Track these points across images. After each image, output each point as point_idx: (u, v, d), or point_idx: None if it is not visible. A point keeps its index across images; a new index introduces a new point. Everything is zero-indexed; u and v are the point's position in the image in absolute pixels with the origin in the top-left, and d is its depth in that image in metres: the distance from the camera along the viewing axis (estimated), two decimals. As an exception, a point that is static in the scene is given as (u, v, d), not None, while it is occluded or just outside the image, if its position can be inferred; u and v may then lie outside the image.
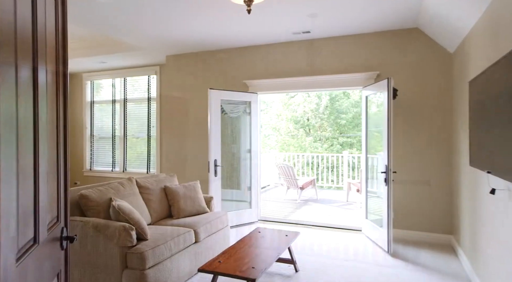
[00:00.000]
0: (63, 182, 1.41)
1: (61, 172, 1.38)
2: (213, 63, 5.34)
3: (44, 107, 1.14)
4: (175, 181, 3.99)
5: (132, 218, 2.75)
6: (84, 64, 6.30)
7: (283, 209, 6.14)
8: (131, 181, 3.42)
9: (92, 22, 4.12)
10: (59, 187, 1.36)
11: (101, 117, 7.03)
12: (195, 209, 3.68)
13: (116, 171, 6.78)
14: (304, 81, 4.74)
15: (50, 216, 1.25)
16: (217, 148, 4.64)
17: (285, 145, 14.35)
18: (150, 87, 6.46)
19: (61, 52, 1.38)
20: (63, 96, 1.42)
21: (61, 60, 1.39)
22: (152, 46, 5.13)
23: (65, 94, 1.44)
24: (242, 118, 5.01)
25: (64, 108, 1.43)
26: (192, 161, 5.51)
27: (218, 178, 4.65)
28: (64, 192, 1.43)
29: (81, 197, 2.88)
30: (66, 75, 1.45)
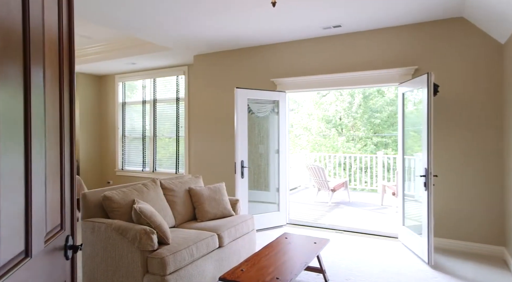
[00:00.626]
0: (68, 185, 1.32)
1: (65, 175, 1.28)
2: (240, 62, 5.21)
3: (40, 106, 1.04)
4: (200, 182, 3.90)
5: (153, 221, 2.67)
6: (116, 66, 6.42)
7: (313, 211, 5.91)
8: (155, 182, 3.36)
9: (120, 24, 4.13)
10: (63, 191, 1.27)
11: (132, 118, 7.15)
12: (220, 211, 3.57)
13: (146, 171, 6.86)
14: (335, 78, 4.49)
15: (51, 224, 1.16)
16: (243, 149, 4.51)
17: (317, 145, 14.00)
18: (179, 87, 6.47)
19: (65, 49, 1.29)
20: (68, 94, 1.33)
21: (66, 58, 1.30)
22: (179, 46, 5.10)
23: (71, 92, 1.35)
24: (269, 118, 4.85)
25: (70, 107, 1.34)
26: (219, 162, 5.42)
27: (245, 180, 4.52)
28: (70, 197, 1.34)
29: (105, 198, 2.84)
30: (72, 72, 1.36)
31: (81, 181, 5.24)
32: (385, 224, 5.00)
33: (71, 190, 1.35)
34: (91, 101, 7.32)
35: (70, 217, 1.34)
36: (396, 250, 3.85)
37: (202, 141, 5.58)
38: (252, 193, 4.75)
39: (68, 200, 1.32)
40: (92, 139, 7.32)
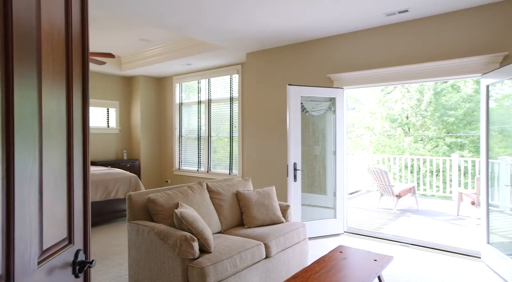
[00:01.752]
0: (80, 193, 1.17)
1: (74, 182, 1.14)
2: (294, 58, 4.91)
3: (29, 106, 0.89)
4: (249, 185, 3.70)
5: (195, 227, 2.52)
6: (173, 67, 6.54)
7: (375, 219, 5.37)
8: (201, 185, 3.23)
9: (174, 24, 4.11)
10: (72, 200, 1.12)
11: (188, 118, 7.26)
12: (269, 218, 3.32)
13: (201, 171, 6.90)
14: (401, 71, 3.96)
15: (52, 238, 1.01)
16: (297, 150, 4.20)
17: (380, 145, 13.06)
18: (233, 86, 6.38)
19: (75, 48, 1.15)
20: (81, 94, 1.19)
21: (77, 58, 1.15)
22: (232, 44, 4.97)
23: (84, 92, 1.21)
24: (325, 117, 4.47)
25: (83, 108, 1.20)
26: (271, 164, 5.18)
27: (297, 183, 4.21)
28: (83, 206, 1.20)
29: (149, 200, 2.77)
30: (85, 72, 1.21)
31: (138, 180, 5.39)
32: (463, 239, 4.32)
33: (84, 198, 1.20)
34: (152, 102, 7.59)
35: (82, 229, 1.20)
36: (478, 273, 3.24)
37: (255, 141, 5.40)
38: (306, 196, 4.42)
39: (80, 209, 1.18)
40: (152, 140, 7.59)
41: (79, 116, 1.19)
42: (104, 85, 7.19)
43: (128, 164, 7.02)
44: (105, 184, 4.96)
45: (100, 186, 4.90)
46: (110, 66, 6.65)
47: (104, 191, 4.93)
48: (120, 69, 6.86)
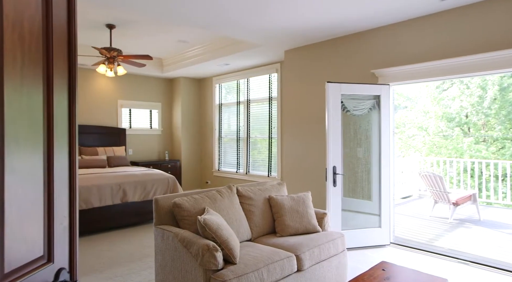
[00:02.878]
0: (65, 202, 1.04)
1: (57, 189, 1.01)
2: (334, 53, 4.58)
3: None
4: (283, 190, 3.46)
5: (219, 235, 2.35)
6: (211, 67, 6.50)
7: (428, 229, 4.84)
8: (231, 189, 3.06)
9: (207, 22, 4.01)
10: (52, 210, 0.99)
11: (227, 119, 7.19)
12: (303, 226, 3.06)
13: (240, 172, 6.79)
14: (458, 64, 3.47)
15: (19, 258, 0.88)
16: (336, 153, 3.88)
17: (435, 147, 12.03)
18: (271, 86, 6.17)
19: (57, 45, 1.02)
20: (67, 94, 1.06)
21: (59, 55, 1.02)
22: (268, 42, 4.77)
23: (71, 91, 1.08)
24: (369, 116, 4.09)
25: (69, 108, 1.07)
26: (310, 167, 4.89)
27: (337, 189, 3.89)
28: (69, 217, 1.07)
29: (174, 205, 2.66)
30: (72, 71, 1.08)
31: (175, 181, 5.40)
32: (535, 257, 3.69)
33: (70, 208, 1.07)
34: (192, 103, 7.65)
35: (67, 244, 1.07)
36: (556, 302, 2.69)
37: (294, 143, 5.14)
38: (347, 202, 4.07)
39: (63, 222, 1.05)
40: (192, 141, 7.64)
41: (63, 116, 1.05)
42: (147, 87, 7.38)
43: (169, 165, 7.12)
44: (144, 185, 5.02)
45: (139, 187, 4.96)
46: (152, 68, 6.79)
47: (142, 192, 4.99)
48: (162, 71, 6.98)
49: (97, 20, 4.54)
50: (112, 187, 4.69)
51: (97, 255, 3.83)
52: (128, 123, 7.12)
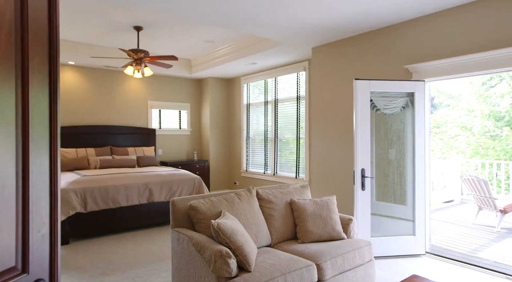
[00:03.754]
0: (45, 207, 0.97)
1: (34, 194, 0.94)
2: (364, 49, 4.31)
3: None
4: (306, 194, 3.29)
5: (233, 241, 2.24)
6: (239, 67, 6.44)
7: (470, 238, 4.44)
8: (250, 191, 2.95)
9: (233, 21, 3.93)
10: (27, 217, 0.92)
11: (255, 119, 7.09)
12: (326, 232, 2.87)
13: (267, 173, 6.66)
14: (506, 55, 3.11)
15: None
16: (365, 154, 3.64)
17: (481, 148, 11.15)
18: (299, 85, 5.99)
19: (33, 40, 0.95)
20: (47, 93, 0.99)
21: (35, 51, 0.95)
22: (294, 38, 4.60)
23: (52, 90, 1.01)
24: (401, 115, 3.80)
25: (50, 108, 1.00)
26: (338, 169, 4.65)
27: (366, 193, 3.64)
28: (50, 224, 1.00)
29: (190, 207, 2.59)
30: (53, 68, 1.01)
31: (201, 182, 5.38)
32: None
33: (51, 214, 1.00)
34: (220, 104, 7.63)
35: (48, 253, 1.00)
36: None
37: (321, 143, 4.92)
38: (378, 206, 3.81)
39: (42, 229, 0.98)
40: (220, 141, 7.63)
41: (43, 115, 0.99)
42: (176, 88, 7.46)
43: (198, 165, 7.15)
44: (170, 185, 5.04)
45: (165, 187, 4.99)
46: (181, 69, 6.85)
47: (168, 192, 5.01)
48: (191, 72, 7.02)
49: (125, 23, 4.61)
50: (139, 187, 4.75)
51: (123, 254, 3.88)
52: (158, 124, 7.24)
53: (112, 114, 6.62)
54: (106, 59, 5.87)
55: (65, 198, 4.17)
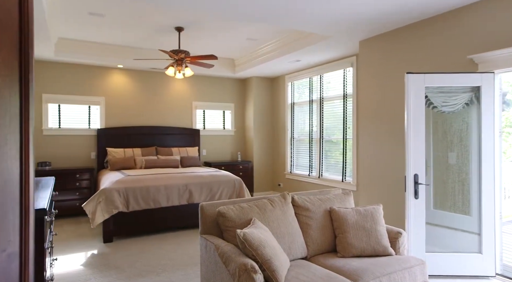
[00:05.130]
0: (12, 224, 0.85)
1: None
2: (418, 40, 3.83)
3: None
4: (349, 201, 2.96)
5: (260, 254, 2.02)
6: (282, 65, 6.21)
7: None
8: (285, 198, 2.71)
9: (274, 15, 3.72)
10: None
11: (300, 118, 6.80)
12: (370, 246, 2.54)
13: (312, 176, 6.34)
14: None
15: None
16: (418, 158, 3.20)
17: None
18: (346, 82, 5.59)
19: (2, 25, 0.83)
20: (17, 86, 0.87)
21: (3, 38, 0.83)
22: (340, 31, 4.25)
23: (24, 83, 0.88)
24: (464, 113, 3.29)
25: (22, 105, 0.88)
26: (388, 173, 4.21)
27: (419, 202, 3.20)
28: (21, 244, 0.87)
29: (218, 214, 2.43)
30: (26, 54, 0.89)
31: (242, 184, 5.24)
32: None
33: (22, 227, 0.88)
34: (264, 103, 7.46)
35: (17, 275, 0.87)
36: None
37: (370, 144, 4.51)
38: (436, 215, 3.34)
39: (6, 248, 0.85)
40: (264, 142, 7.45)
41: (11, 115, 0.86)
42: (220, 88, 7.44)
43: (241, 166, 7.05)
44: (210, 186, 4.98)
45: (205, 188, 4.94)
46: (224, 69, 6.80)
47: (208, 193, 4.95)
48: (234, 72, 6.94)
49: (167, 24, 4.63)
50: (179, 188, 4.75)
51: (160, 255, 3.86)
52: (202, 124, 7.27)
53: (158, 115, 6.77)
54: (152, 62, 6.00)
55: (109, 197, 4.28)
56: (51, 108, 5.92)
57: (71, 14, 4.31)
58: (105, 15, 4.36)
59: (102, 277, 3.27)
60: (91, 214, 4.24)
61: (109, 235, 4.35)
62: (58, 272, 3.41)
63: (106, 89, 6.32)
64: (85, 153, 6.16)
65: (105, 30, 4.93)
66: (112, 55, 5.74)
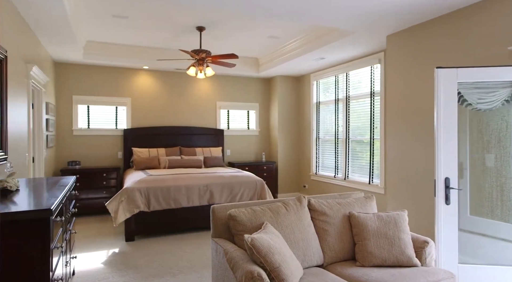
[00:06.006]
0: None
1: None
2: (451, 33, 3.54)
3: None
4: (371, 206, 2.77)
5: (269, 261, 1.91)
6: (306, 63, 6.04)
7: None
8: (300, 201, 2.57)
9: (298, 11, 3.59)
10: None
11: (326, 118, 6.58)
12: (392, 256, 2.34)
13: (338, 177, 6.10)
14: None
15: None
16: (450, 160, 2.93)
17: None
18: (373, 79, 5.32)
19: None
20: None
21: None
22: (365, 25, 4.04)
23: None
24: (503, 111, 2.97)
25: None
26: (418, 176, 3.93)
27: (451, 208, 2.93)
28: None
29: (229, 217, 2.34)
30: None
31: (264, 185, 5.14)
32: None
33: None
34: (289, 103, 7.31)
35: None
36: None
37: (398, 145, 4.24)
38: (471, 221, 3.05)
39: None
40: (289, 142, 7.30)
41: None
42: (245, 88, 7.38)
43: (265, 166, 6.94)
44: (231, 187, 4.92)
45: (226, 189, 4.88)
46: (248, 69, 6.73)
47: (229, 194, 4.89)
48: (258, 71, 6.85)
49: (188, 24, 4.62)
50: (199, 188, 4.73)
51: (179, 256, 3.85)
52: (226, 124, 7.24)
53: (182, 115, 6.83)
54: (175, 63, 6.04)
55: (131, 196, 4.34)
56: (81, 109, 6.13)
57: (96, 18, 4.41)
58: (129, 17, 4.42)
59: (120, 276, 3.30)
60: (114, 213, 4.31)
61: (131, 234, 4.40)
62: (79, 269, 3.48)
63: (132, 90, 6.45)
64: (113, 153, 6.32)
65: (130, 32, 5.01)
66: (138, 56, 5.85)
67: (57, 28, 4.06)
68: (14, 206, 1.83)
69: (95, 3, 3.92)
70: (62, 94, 5.98)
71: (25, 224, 1.73)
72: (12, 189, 2.42)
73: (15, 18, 3.29)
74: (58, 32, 4.22)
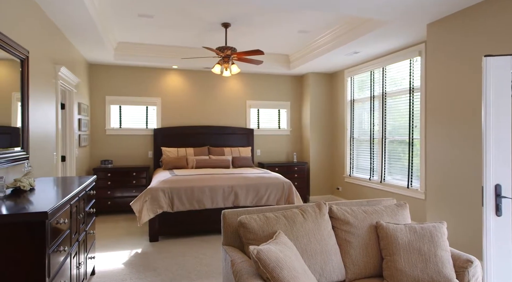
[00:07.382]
0: None
1: None
2: (502, 17, 3.06)
3: None
4: (402, 215, 2.43)
5: (276, 277, 1.68)
6: (340, 58, 5.68)
7: None
8: (320, 208, 2.31)
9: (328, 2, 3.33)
10: None
11: (361, 116, 6.17)
12: (427, 276, 2.01)
13: (374, 180, 5.68)
14: None
15: None
16: (502, 164, 2.51)
17: None
18: (413, 74, 4.85)
19: None
20: None
21: None
22: (402, 13, 3.65)
23: None
24: None
25: None
26: (464, 181, 3.48)
27: (503, 220, 2.51)
28: None
29: (239, 224, 2.15)
30: None
31: (291, 187, 4.89)
32: None
33: None
34: (322, 101, 6.97)
35: None
36: None
37: (441, 146, 3.80)
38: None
39: None
40: (322, 142, 6.96)
41: None
42: (275, 86, 7.15)
43: (296, 167, 6.67)
44: (257, 189, 4.73)
45: (251, 190, 4.70)
46: (279, 66, 6.51)
47: (255, 196, 4.71)
48: (289, 68, 6.60)
49: (213, 21, 4.50)
50: (224, 189, 4.59)
51: (199, 259, 3.73)
52: (256, 124, 7.06)
53: (211, 114, 6.75)
54: (204, 61, 5.97)
55: (155, 196, 4.30)
56: (113, 109, 6.27)
57: (122, 18, 4.43)
58: (154, 16, 4.39)
59: (138, 278, 3.23)
60: (138, 213, 4.30)
61: (154, 234, 4.37)
62: (100, 269, 3.47)
63: (162, 90, 6.49)
64: (143, 152, 6.39)
65: (157, 31, 5.00)
66: (166, 56, 5.85)
67: (83, 31, 4.12)
68: (14, 207, 1.78)
69: (120, 2, 3.92)
70: (95, 95, 6.15)
71: (21, 227, 1.66)
72: (25, 188, 2.42)
73: (41, 20, 3.35)
74: (85, 34, 4.28)
